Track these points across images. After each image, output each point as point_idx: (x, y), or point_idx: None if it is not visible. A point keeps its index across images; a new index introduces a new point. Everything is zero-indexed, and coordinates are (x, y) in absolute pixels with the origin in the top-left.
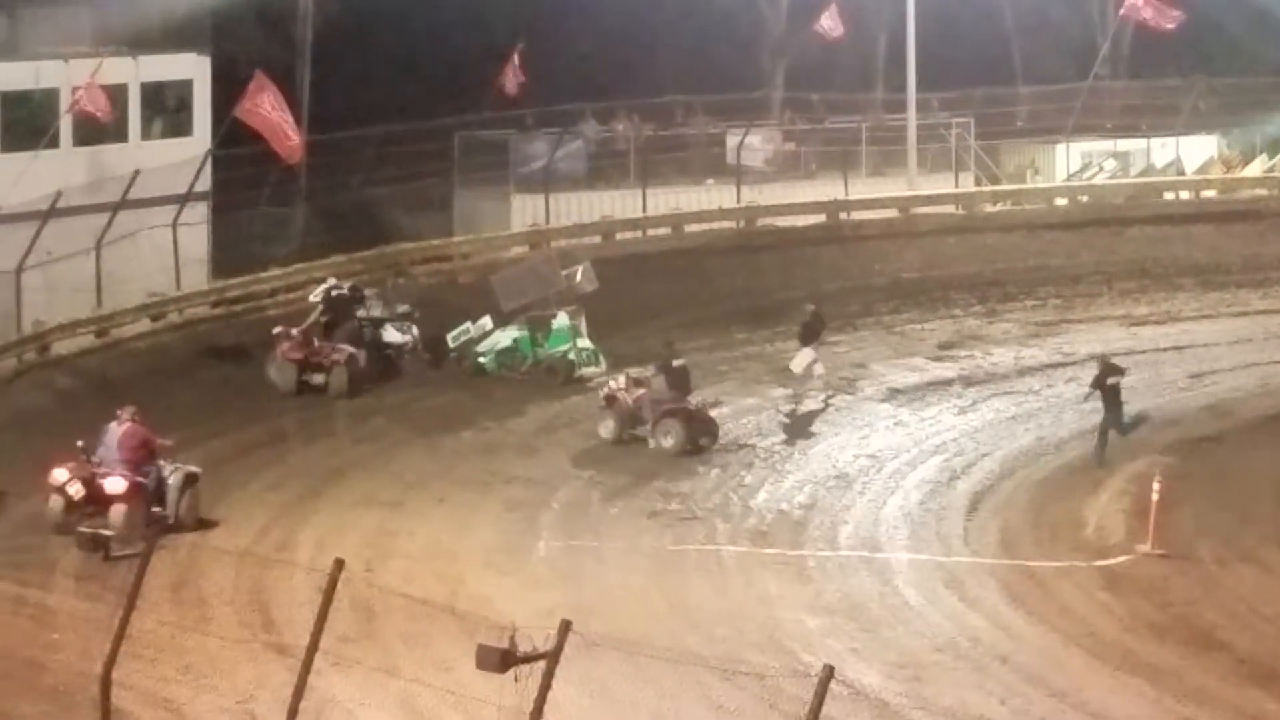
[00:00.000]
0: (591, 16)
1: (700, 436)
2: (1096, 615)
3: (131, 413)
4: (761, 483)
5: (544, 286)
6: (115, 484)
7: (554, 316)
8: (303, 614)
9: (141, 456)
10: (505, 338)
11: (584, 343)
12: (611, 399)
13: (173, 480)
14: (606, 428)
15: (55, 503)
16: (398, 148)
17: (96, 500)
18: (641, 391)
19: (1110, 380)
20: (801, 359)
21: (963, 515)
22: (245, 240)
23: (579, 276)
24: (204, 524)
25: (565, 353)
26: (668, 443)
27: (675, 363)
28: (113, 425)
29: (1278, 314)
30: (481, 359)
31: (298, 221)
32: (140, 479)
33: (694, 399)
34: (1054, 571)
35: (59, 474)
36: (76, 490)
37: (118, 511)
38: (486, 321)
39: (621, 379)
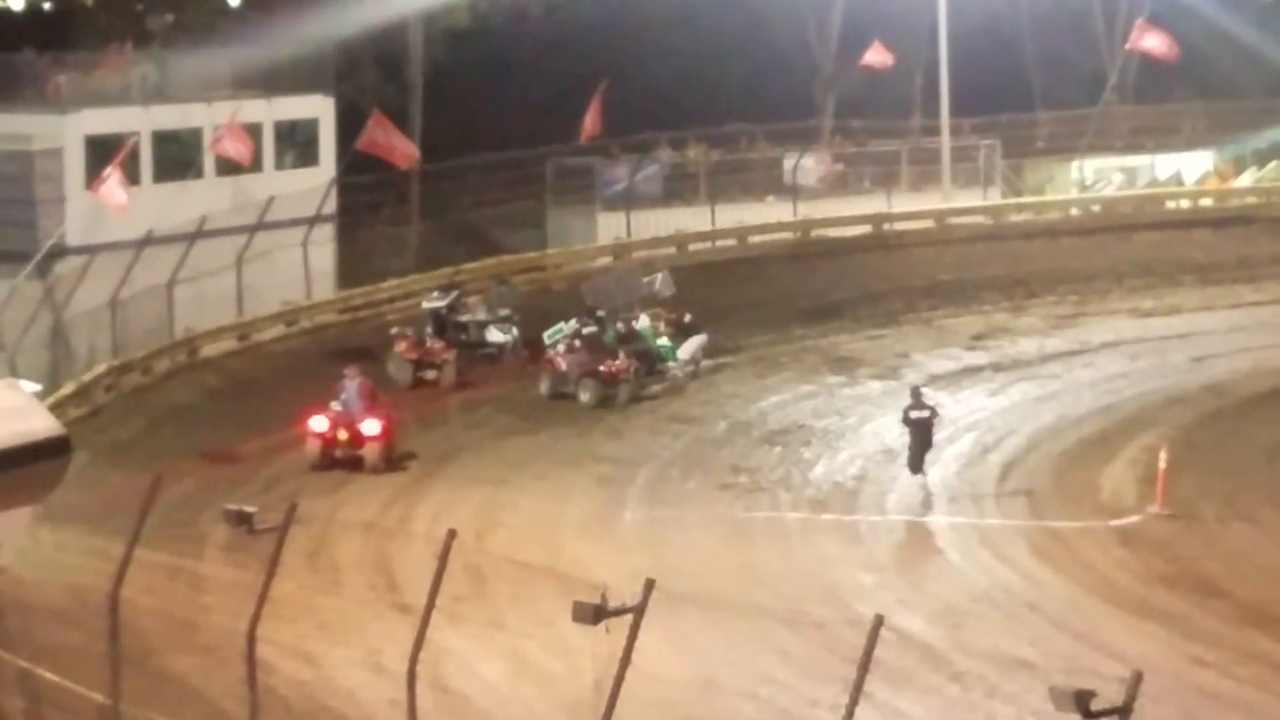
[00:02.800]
0: (666, 57)
1: (614, 393)
2: (1113, 569)
3: (357, 369)
4: (818, 458)
5: (629, 292)
6: (371, 426)
7: (637, 318)
8: (422, 578)
9: (376, 404)
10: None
11: (663, 340)
12: (549, 363)
13: None
14: (544, 385)
15: (312, 445)
16: (498, 174)
17: (354, 442)
18: (570, 356)
19: (915, 414)
20: (690, 345)
21: (994, 483)
22: (366, 255)
23: (658, 283)
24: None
25: (648, 349)
26: (585, 397)
27: (585, 331)
28: (346, 382)
29: (1268, 305)
30: None
31: (412, 238)
32: (387, 421)
33: (611, 363)
34: (1075, 531)
35: (317, 422)
36: (343, 434)
37: (372, 449)
38: (575, 322)
39: (561, 347)
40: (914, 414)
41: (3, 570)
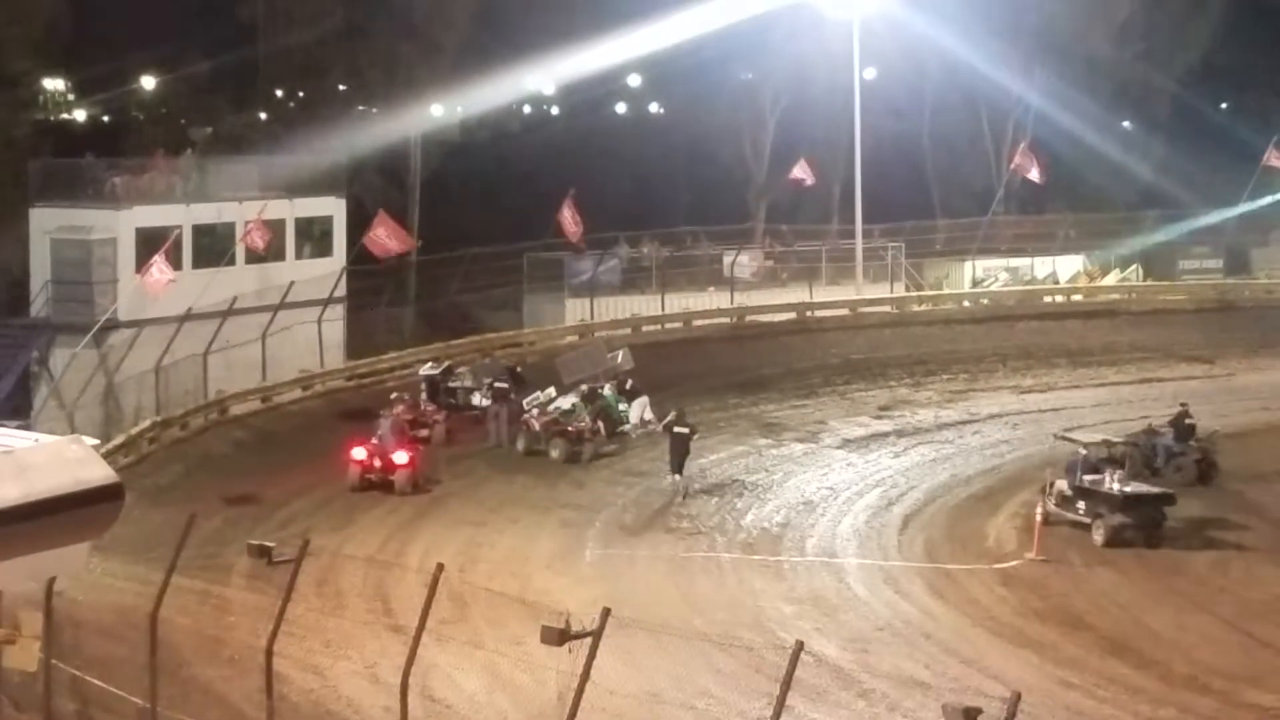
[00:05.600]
0: (624, 168)
1: (579, 450)
2: (995, 604)
3: (392, 409)
4: (749, 507)
5: (594, 365)
6: (401, 456)
7: (602, 387)
8: (413, 603)
9: (406, 437)
10: (566, 402)
11: (624, 407)
12: (524, 423)
13: None
14: (520, 443)
15: (353, 471)
16: (482, 265)
17: (387, 469)
18: (544, 419)
19: (677, 429)
20: (636, 406)
21: (897, 531)
22: (371, 332)
23: (620, 358)
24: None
25: (609, 413)
26: (554, 454)
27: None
28: (382, 419)
29: (1128, 384)
30: None
31: (409, 318)
32: (415, 452)
33: (578, 423)
34: (964, 572)
35: (359, 452)
36: (377, 461)
37: (401, 475)
38: (552, 390)
39: (535, 410)
40: (676, 429)
41: (59, 593)
